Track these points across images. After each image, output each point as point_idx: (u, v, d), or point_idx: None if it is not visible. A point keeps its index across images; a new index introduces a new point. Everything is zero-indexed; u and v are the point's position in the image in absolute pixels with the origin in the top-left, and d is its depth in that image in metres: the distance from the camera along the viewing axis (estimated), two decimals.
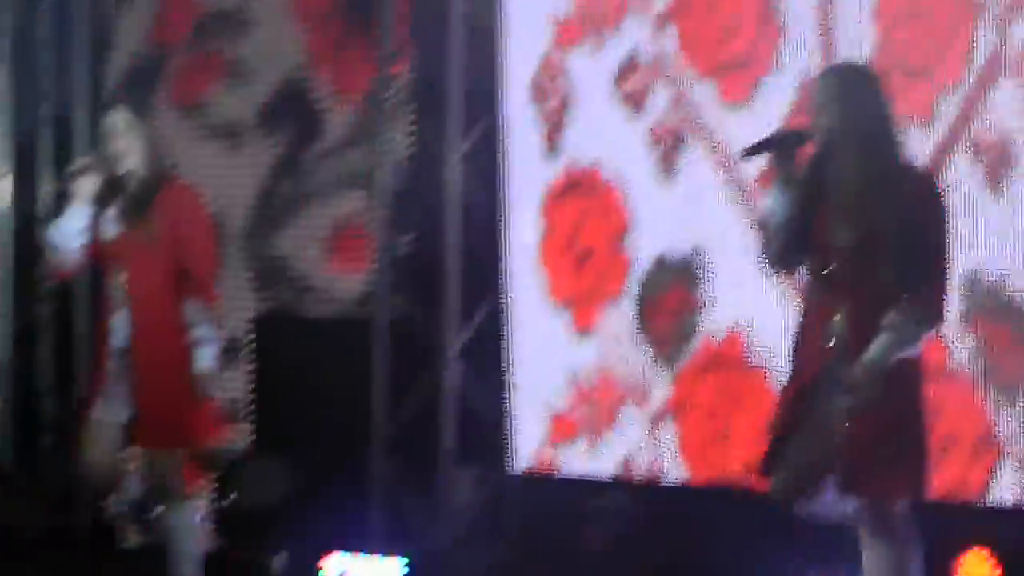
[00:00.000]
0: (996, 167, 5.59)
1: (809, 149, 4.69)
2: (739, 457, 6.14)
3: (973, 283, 5.57)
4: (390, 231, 7.17)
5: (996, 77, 5.57)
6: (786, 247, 4.74)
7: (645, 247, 6.37)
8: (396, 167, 7.20)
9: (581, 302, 6.61)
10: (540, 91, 6.60)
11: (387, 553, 6.80)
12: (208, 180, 7.38)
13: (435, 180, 6.97)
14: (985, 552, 5.67)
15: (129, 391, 5.69)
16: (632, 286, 6.42)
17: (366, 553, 6.86)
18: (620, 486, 6.64)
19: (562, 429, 6.63)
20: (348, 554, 6.77)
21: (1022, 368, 5.58)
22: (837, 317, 4.67)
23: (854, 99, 4.70)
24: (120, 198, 5.66)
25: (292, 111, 7.55)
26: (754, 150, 4.78)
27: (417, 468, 7.07)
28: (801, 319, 4.82)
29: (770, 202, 4.73)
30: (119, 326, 5.68)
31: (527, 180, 6.68)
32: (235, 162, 7.76)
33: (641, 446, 6.47)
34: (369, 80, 7.22)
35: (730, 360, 6.07)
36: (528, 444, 6.73)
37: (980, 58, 5.61)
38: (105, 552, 7.02)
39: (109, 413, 5.69)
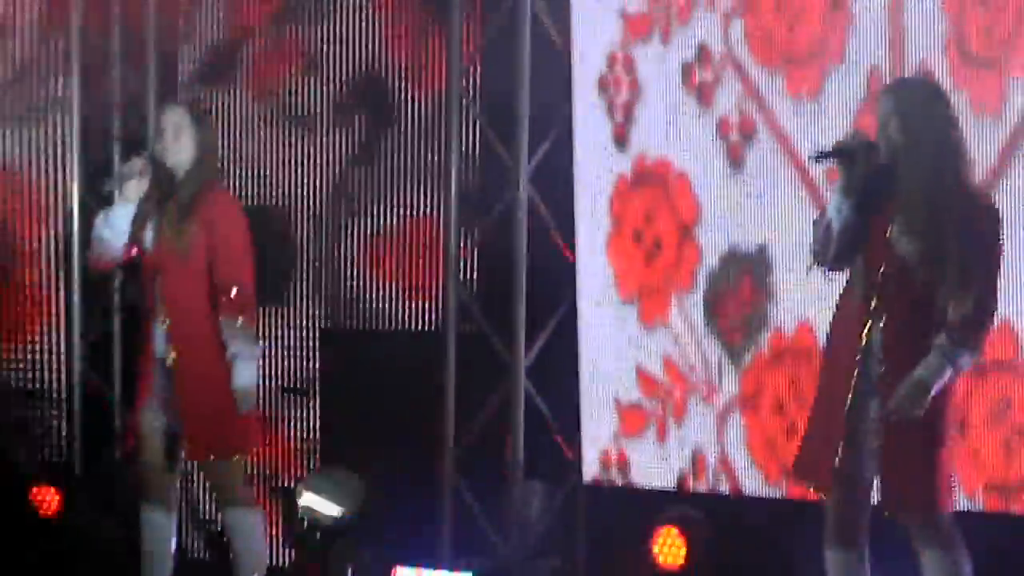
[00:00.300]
0: None
1: (875, 159, 4.70)
2: None
3: None
4: (458, 241, 7.09)
5: None
6: (840, 252, 4.79)
7: (714, 240, 6.37)
8: (465, 175, 7.12)
9: (650, 295, 6.54)
10: (609, 85, 6.56)
11: (455, 567, 6.78)
12: (282, 168, 7.49)
13: (502, 191, 6.94)
14: None
15: (173, 401, 5.61)
16: (701, 279, 6.43)
17: (433, 567, 6.82)
18: (687, 499, 6.64)
19: (632, 421, 6.57)
20: (415, 568, 6.73)
21: None
22: (877, 325, 4.77)
23: (920, 116, 4.72)
24: (166, 200, 5.58)
25: (368, 101, 7.46)
26: (824, 156, 4.79)
27: (487, 481, 7.19)
28: (835, 322, 4.91)
29: (831, 205, 4.77)
30: (159, 333, 5.62)
31: (597, 174, 6.62)
32: (310, 152, 7.65)
33: (710, 440, 6.47)
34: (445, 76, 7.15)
35: (799, 352, 6.02)
36: (598, 438, 6.68)
37: None
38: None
39: (156, 419, 5.66)
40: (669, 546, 6.48)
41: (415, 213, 7.22)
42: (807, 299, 5.93)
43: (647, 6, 6.37)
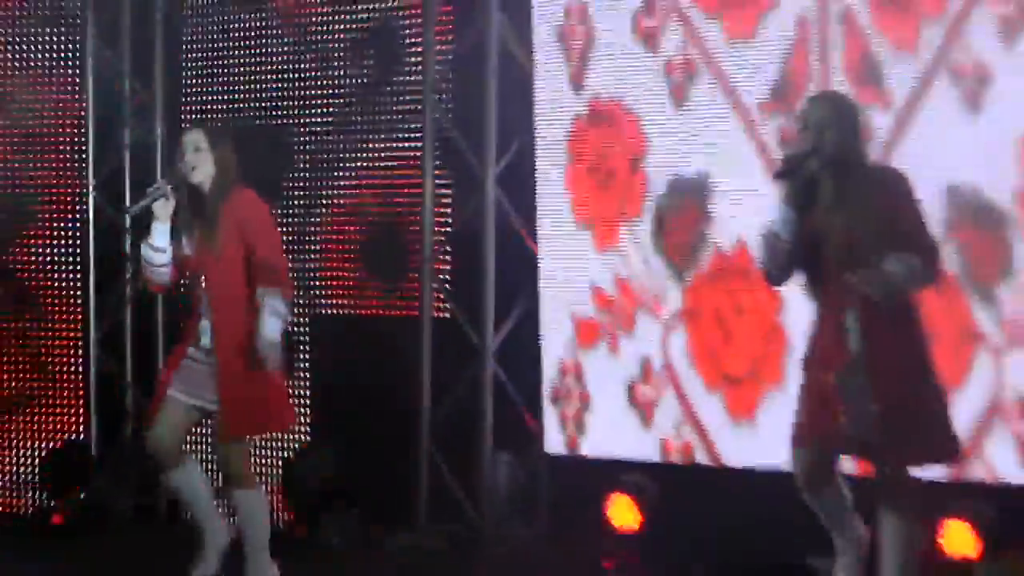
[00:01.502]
0: (974, 90, 5.88)
1: (812, 166, 5.08)
2: (742, 360, 6.47)
3: (952, 194, 5.84)
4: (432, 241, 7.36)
5: (972, 6, 5.82)
6: (788, 263, 5.13)
7: (661, 170, 6.61)
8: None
9: (604, 221, 6.83)
10: (566, 34, 6.81)
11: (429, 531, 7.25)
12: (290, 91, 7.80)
13: (473, 192, 7.17)
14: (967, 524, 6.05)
15: (214, 386, 5.89)
16: (649, 204, 6.65)
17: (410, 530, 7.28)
18: (645, 468, 6.92)
19: (586, 334, 6.84)
20: None
21: (997, 268, 5.82)
22: (850, 315, 5.05)
23: (840, 121, 5.12)
24: (194, 213, 5.90)
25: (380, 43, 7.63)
26: (783, 175, 5.14)
27: (459, 452, 7.40)
28: (816, 322, 5.19)
29: (777, 219, 5.09)
30: (206, 329, 5.90)
31: (556, 114, 6.88)
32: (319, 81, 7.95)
33: (656, 350, 6.68)
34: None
35: (736, 270, 6.30)
36: (557, 348, 6.92)
37: None
38: (184, 528, 7.13)
39: (185, 394, 5.91)
40: (623, 511, 6.78)
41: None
42: (744, 221, 6.17)
43: None
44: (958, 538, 6.06)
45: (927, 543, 5.58)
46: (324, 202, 7.98)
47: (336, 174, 7.82)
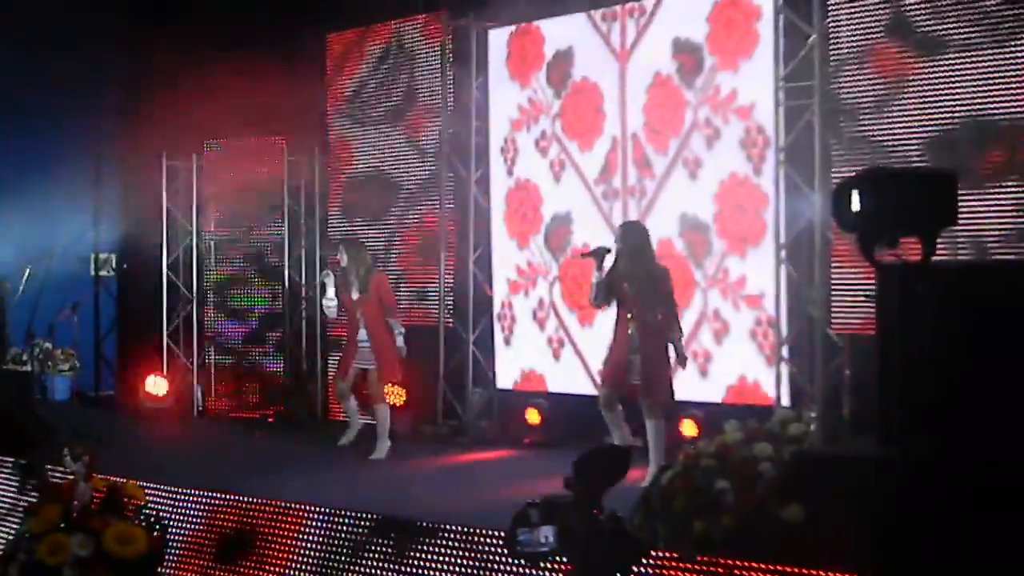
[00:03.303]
0: (692, 170, 8.14)
1: (608, 253, 6.93)
2: (583, 298, 8.03)
3: (683, 218, 8.17)
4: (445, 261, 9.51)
5: (692, 130, 8.13)
6: (601, 298, 6.93)
7: (549, 212, 9.10)
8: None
9: (521, 235, 9.39)
10: (505, 149, 9.45)
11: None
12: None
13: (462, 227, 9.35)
14: (692, 421, 7.84)
15: (371, 358, 8.11)
16: (543, 227, 9.21)
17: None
18: (543, 395, 8.96)
19: (514, 287, 9.51)
20: None
21: (704, 252, 8.09)
22: (631, 325, 6.84)
23: (632, 238, 6.89)
24: (351, 285, 8.14)
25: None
26: (590, 255, 6.87)
27: (457, 388, 9.44)
28: (615, 324, 6.90)
29: (594, 279, 6.92)
30: (363, 336, 8.19)
31: (499, 185, 9.41)
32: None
33: (548, 295, 9.25)
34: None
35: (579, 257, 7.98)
36: (501, 295, 9.50)
37: None
38: (336, 426, 9.36)
39: (360, 363, 8.24)
40: (533, 415, 8.96)
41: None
42: (584, 237, 8.74)
43: (527, 110, 9.07)
44: (688, 428, 7.92)
45: (670, 432, 7.27)
46: None
47: None
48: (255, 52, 9.55)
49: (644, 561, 4.66)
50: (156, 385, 10.76)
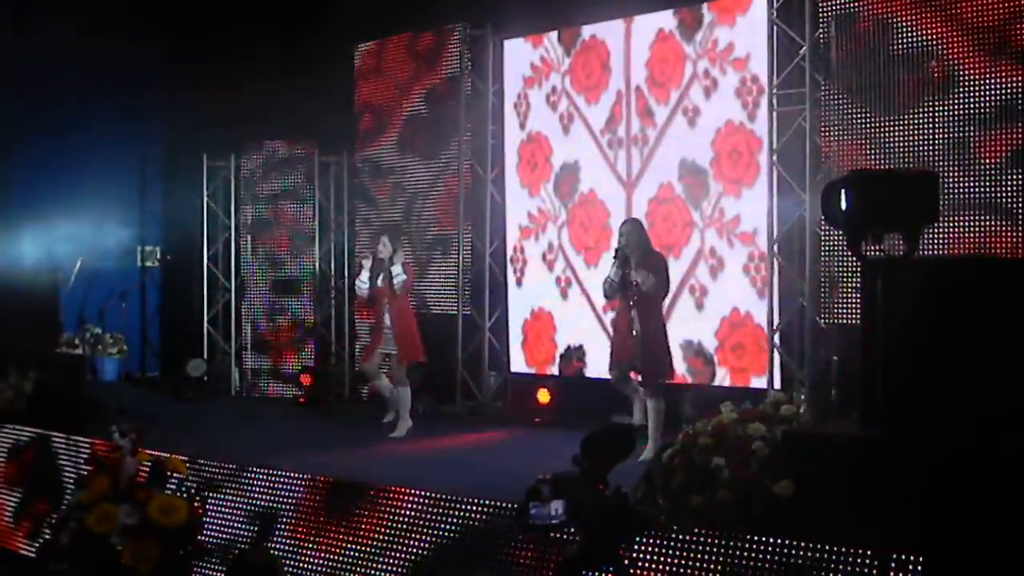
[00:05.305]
0: (692, 118, 8.02)
1: (625, 255, 6.87)
2: (591, 240, 8.46)
3: (682, 164, 8.10)
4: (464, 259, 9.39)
5: (692, 82, 7.99)
6: (618, 292, 6.89)
7: (559, 160, 9.06)
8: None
9: (533, 182, 9.34)
10: (517, 106, 9.34)
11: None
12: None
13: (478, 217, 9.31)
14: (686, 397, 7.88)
15: (394, 342, 8.09)
16: (552, 176, 9.14)
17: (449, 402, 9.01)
18: (553, 378, 8.92)
19: (525, 232, 9.36)
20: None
21: (702, 194, 8.06)
22: (633, 312, 6.87)
23: (637, 234, 6.92)
24: (379, 271, 8.13)
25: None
26: (615, 256, 6.78)
27: (474, 372, 9.45)
28: (618, 312, 6.98)
29: (611, 272, 6.90)
30: (388, 322, 8.14)
31: (513, 139, 9.39)
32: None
33: (556, 239, 9.07)
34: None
35: (587, 201, 8.65)
36: (512, 239, 9.39)
37: None
38: (361, 406, 9.80)
39: (384, 348, 8.22)
40: (544, 395, 8.95)
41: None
42: (591, 183, 8.73)
43: (536, 67, 9.05)
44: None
45: (669, 408, 7.23)
46: None
47: None
48: (288, 63, 9.91)
49: (646, 532, 4.65)
50: (197, 367, 10.82)
